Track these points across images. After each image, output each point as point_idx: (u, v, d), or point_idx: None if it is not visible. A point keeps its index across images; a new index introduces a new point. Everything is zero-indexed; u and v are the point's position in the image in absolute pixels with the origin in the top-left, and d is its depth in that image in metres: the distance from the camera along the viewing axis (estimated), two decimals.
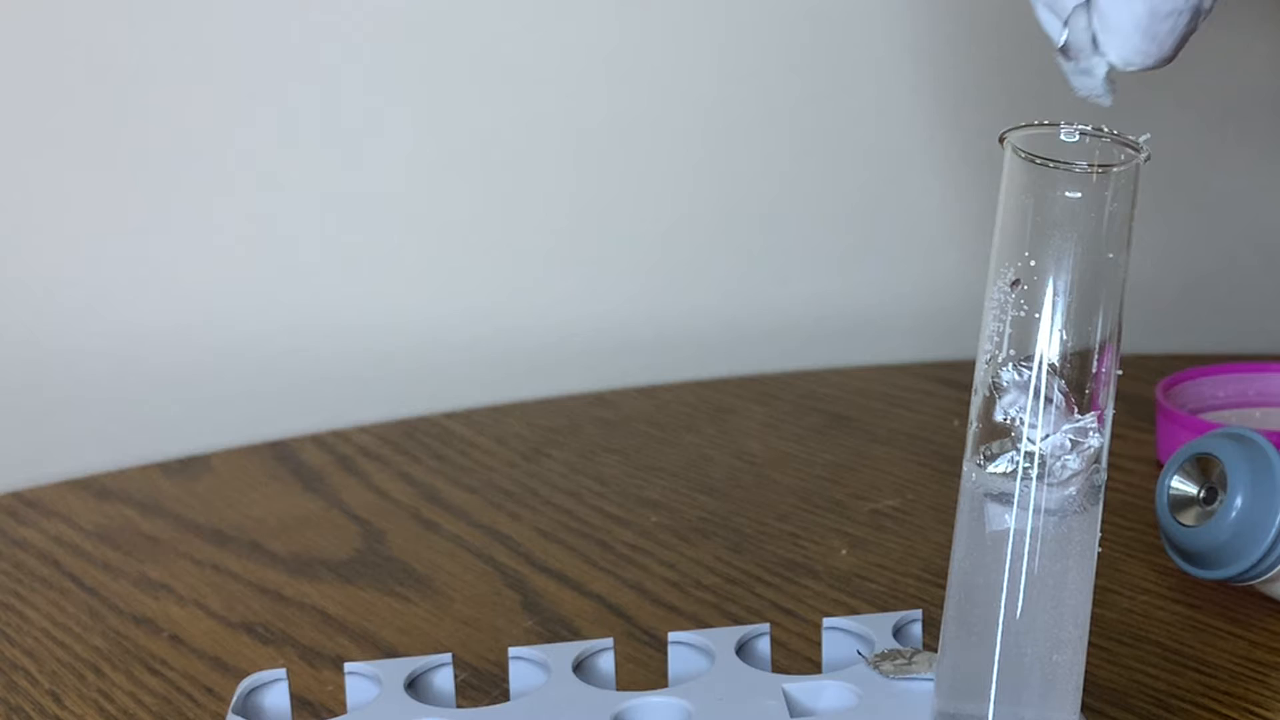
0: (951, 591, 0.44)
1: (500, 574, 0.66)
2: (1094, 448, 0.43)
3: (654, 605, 0.63)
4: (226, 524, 0.73)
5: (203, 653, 0.61)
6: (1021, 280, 0.42)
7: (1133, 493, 0.70)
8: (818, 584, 0.64)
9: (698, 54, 0.91)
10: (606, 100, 0.90)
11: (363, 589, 0.65)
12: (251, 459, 0.81)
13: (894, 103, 0.94)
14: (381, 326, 0.89)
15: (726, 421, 0.84)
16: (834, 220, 0.95)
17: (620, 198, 0.92)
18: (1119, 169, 0.42)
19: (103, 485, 0.79)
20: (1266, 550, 0.56)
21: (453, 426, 0.85)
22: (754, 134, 0.93)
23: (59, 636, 0.63)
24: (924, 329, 0.96)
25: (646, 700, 0.48)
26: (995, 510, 0.43)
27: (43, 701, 0.57)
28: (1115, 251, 0.42)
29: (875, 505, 0.72)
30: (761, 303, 0.94)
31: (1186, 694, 0.54)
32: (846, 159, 0.94)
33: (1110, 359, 0.43)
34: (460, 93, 0.88)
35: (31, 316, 0.84)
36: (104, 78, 0.83)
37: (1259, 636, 0.58)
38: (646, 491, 0.75)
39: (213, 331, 0.86)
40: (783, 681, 0.48)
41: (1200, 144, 0.97)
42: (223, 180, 0.86)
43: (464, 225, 0.90)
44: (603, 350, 0.92)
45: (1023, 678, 0.44)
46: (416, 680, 0.50)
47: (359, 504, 0.75)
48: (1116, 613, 0.60)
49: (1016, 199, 0.42)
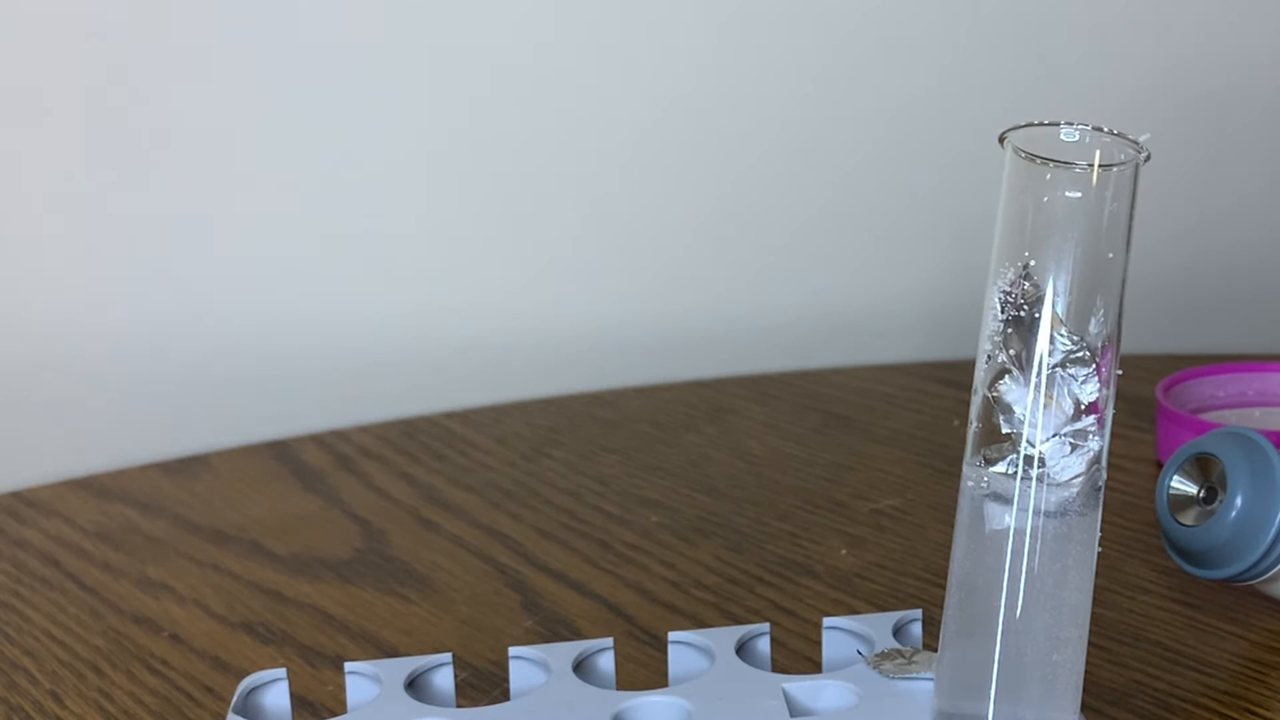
0: (951, 591, 0.44)
1: (500, 574, 0.66)
2: (1094, 450, 0.43)
3: (654, 605, 0.63)
4: (226, 524, 0.73)
5: (203, 653, 0.61)
6: (1021, 280, 0.42)
7: (1133, 493, 0.70)
8: (818, 584, 0.64)
9: (697, 55, 0.91)
10: (607, 101, 0.90)
11: (363, 589, 0.65)
12: (251, 459, 0.81)
13: (894, 103, 0.94)
14: (381, 326, 0.89)
15: (726, 421, 0.84)
16: (833, 220, 0.95)
17: (620, 198, 0.92)
18: (1119, 169, 0.42)
19: (103, 485, 0.79)
20: (1266, 550, 0.56)
21: (453, 426, 0.85)
22: (754, 134, 0.93)
23: (59, 636, 0.63)
24: (924, 329, 0.96)
25: (646, 700, 0.48)
26: (995, 511, 0.43)
27: (43, 701, 0.57)
28: (1115, 251, 0.42)
29: (875, 505, 0.72)
30: (761, 303, 0.94)
31: (1186, 694, 0.54)
32: (846, 159, 0.94)
33: (1110, 359, 0.43)
34: (461, 94, 0.88)
35: (31, 316, 0.84)
36: (104, 78, 0.83)
37: (1259, 636, 0.58)
38: (646, 491, 0.75)
39: (213, 331, 0.86)
40: (783, 681, 0.48)
41: (1200, 144, 0.97)
42: (223, 180, 0.86)
43: (464, 226, 0.90)
44: (603, 350, 0.92)
45: (1023, 677, 0.44)
46: (416, 680, 0.50)
47: (359, 504, 0.75)
48: (1116, 613, 0.60)
49: (1016, 199, 0.42)
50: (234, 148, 0.85)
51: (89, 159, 0.83)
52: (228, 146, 0.85)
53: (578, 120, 0.90)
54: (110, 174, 0.84)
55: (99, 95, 0.83)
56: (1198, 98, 0.97)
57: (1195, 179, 0.98)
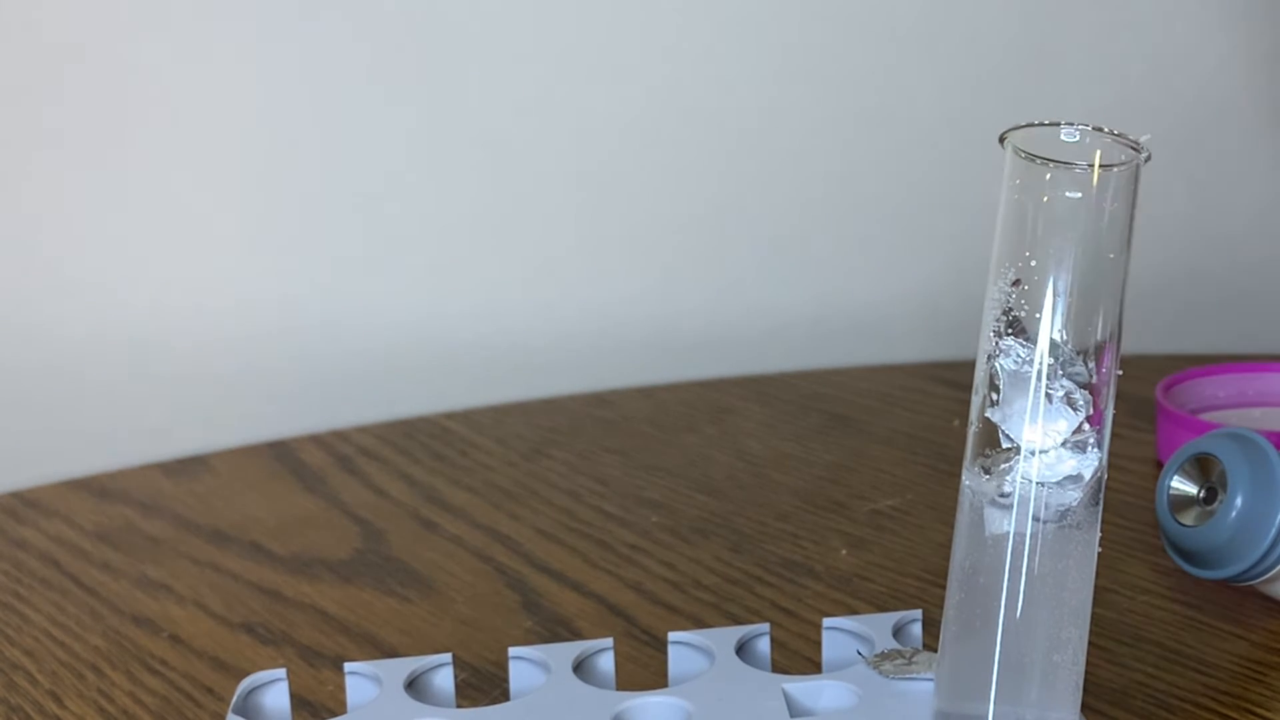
0: (952, 591, 0.44)
1: (500, 574, 0.66)
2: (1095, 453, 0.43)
3: (654, 605, 0.62)
4: (226, 524, 0.73)
5: (203, 653, 0.61)
6: (1022, 280, 0.42)
7: (1133, 493, 0.70)
8: (818, 584, 0.64)
9: (697, 55, 0.91)
10: (607, 101, 0.90)
11: (363, 589, 0.65)
12: (251, 459, 0.81)
13: (894, 103, 0.94)
14: (381, 326, 0.89)
15: (726, 421, 0.84)
16: (833, 220, 0.95)
17: (621, 198, 0.92)
18: (1119, 169, 0.42)
19: (103, 485, 0.79)
20: (1266, 550, 0.56)
21: (453, 426, 0.85)
22: (754, 135, 0.93)
23: (59, 636, 0.63)
24: (924, 329, 0.96)
25: (646, 700, 0.48)
26: (995, 514, 0.43)
27: (43, 701, 0.57)
28: (1115, 251, 0.42)
29: (875, 505, 0.72)
30: (761, 303, 0.94)
31: (1186, 694, 0.54)
32: (846, 159, 0.94)
33: (1110, 359, 0.43)
34: (461, 93, 0.88)
35: (31, 317, 0.83)
36: (104, 79, 0.83)
37: (1259, 636, 0.58)
38: (646, 491, 0.75)
39: (213, 332, 0.86)
40: (783, 681, 0.48)
41: (1200, 144, 0.97)
42: (223, 180, 0.86)
43: (464, 225, 0.90)
44: (603, 350, 0.92)
45: (1023, 678, 0.44)
46: (416, 680, 0.50)
47: (359, 504, 0.75)
48: (1116, 613, 0.60)
49: (1017, 199, 0.42)
50: (234, 148, 0.85)
51: (88, 159, 0.83)
52: (228, 147, 0.85)
53: (578, 120, 0.90)
54: (109, 174, 0.84)
55: (99, 95, 0.83)
56: (1198, 98, 0.97)
57: (1195, 179, 0.98)
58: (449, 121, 0.88)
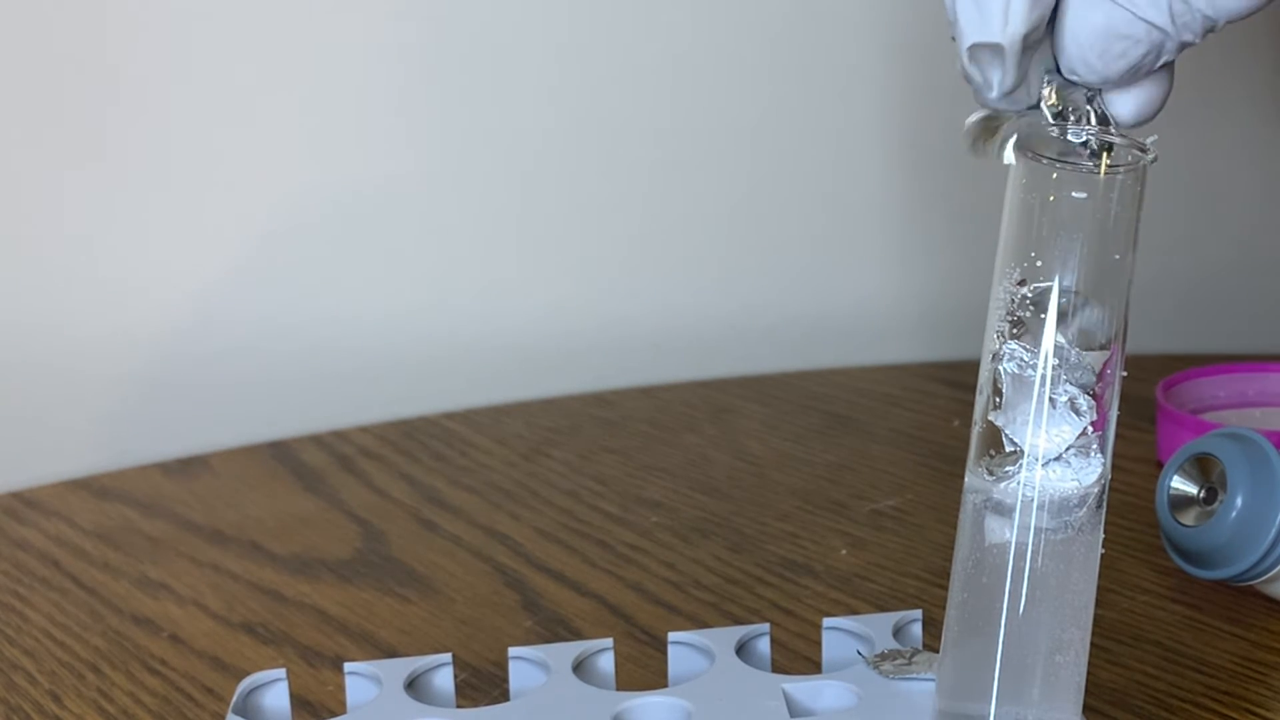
0: (954, 591, 0.44)
1: (500, 574, 0.66)
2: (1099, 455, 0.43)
3: (654, 605, 0.62)
4: (226, 524, 0.73)
5: (202, 653, 0.60)
6: (1028, 280, 0.42)
7: (1133, 493, 0.70)
8: (818, 584, 0.64)
9: (698, 55, 0.91)
10: (607, 101, 0.90)
11: (363, 589, 0.65)
12: (251, 459, 0.81)
13: (895, 102, 0.94)
14: (381, 326, 0.89)
15: (726, 421, 0.84)
16: (834, 221, 0.95)
17: (621, 198, 0.92)
18: (1125, 170, 0.41)
19: (103, 485, 0.78)
20: (1266, 550, 0.56)
21: (453, 426, 0.84)
22: (754, 134, 0.93)
23: (59, 636, 0.62)
24: (924, 329, 0.96)
25: (646, 700, 0.48)
26: (997, 521, 0.43)
27: (42, 701, 0.57)
28: (1121, 252, 0.42)
29: (875, 505, 0.72)
30: (761, 303, 0.94)
31: (1186, 694, 0.54)
32: (847, 159, 0.94)
33: (1115, 360, 0.43)
34: (461, 93, 0.88)
35: (31, 317, 0.83)
36: (103, 79, 0.83)
37: (1259, 636, 0.58)
38: (646, 491, 0.75)
39: (212, 331, 0.86)
40: (783, 681, 0.48)
41: (1201, 145, 0.97)
42: (222, 180, 0.85)
43: (464, 225, 0.90)
44: (603, 350, 0.92)
45: (1025, 678, 0.44)
46: (416, 680, 0.50)
47: (359, 504, 0.75)
48: (1116, 613, 0.60)
49: (1022, 199, 0.42)
50: (234, 147, 0.85)
51: (87, 159, 0.83)
52: (228, 146, 0.85)
53: (578, 120, 0.90)
54: (108, 174, 0.84)
55: (99, 95, 0.83)
56: (1198, 98, 0.96)
57: (1196, 180, 0.98)
58: (449, 122, 0.88)
